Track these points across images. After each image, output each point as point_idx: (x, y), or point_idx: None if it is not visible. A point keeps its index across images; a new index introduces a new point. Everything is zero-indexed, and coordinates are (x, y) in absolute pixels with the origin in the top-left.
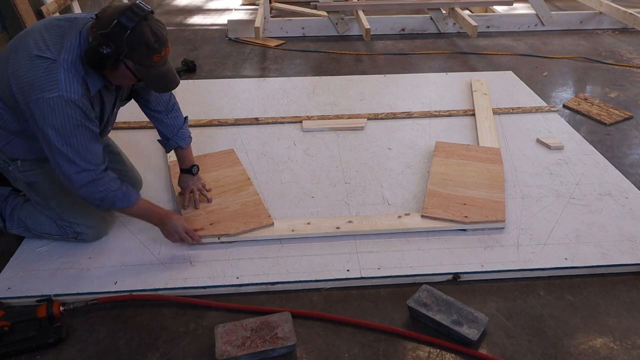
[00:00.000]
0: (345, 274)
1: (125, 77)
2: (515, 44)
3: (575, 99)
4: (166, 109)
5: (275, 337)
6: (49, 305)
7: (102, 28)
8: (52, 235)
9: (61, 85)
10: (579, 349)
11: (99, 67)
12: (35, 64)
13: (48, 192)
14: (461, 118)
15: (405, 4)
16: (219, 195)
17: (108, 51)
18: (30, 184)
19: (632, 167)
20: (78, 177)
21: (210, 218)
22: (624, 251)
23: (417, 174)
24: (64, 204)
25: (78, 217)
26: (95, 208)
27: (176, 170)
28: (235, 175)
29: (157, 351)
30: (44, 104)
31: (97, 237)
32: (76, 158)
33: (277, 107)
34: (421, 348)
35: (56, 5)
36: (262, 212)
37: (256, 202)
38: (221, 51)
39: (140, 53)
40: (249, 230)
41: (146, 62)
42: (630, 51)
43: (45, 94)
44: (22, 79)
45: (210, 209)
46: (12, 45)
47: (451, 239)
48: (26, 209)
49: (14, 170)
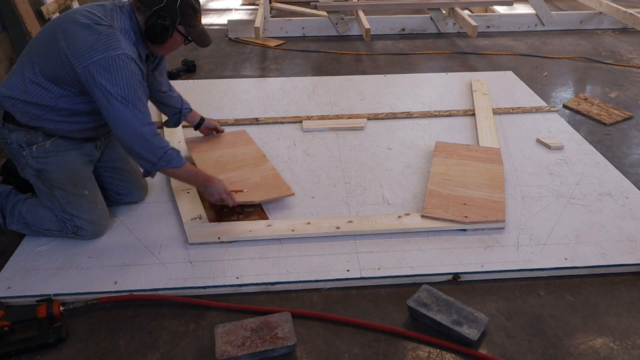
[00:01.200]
0: (345, 274)
1: (176, 43)
2: (515, 44)
3: (575, 99)
4: (169, 88)
5: (275, 337)
6: (49, 305)
7: (155, 4)
8: (51, 231)
9: (123, 45)
10: (579, 349)
11: (161, 38)
12: (95, 29)
13: (56, 181)
14: (461, 118)
15: (405, 4)
16: (238, 169)
17: (168, 22)
18: (40, 171)
19: (632, 167)
20: (147, 128)
21: (233, 187)
22: (624, 251)
23: (417, 174)
24: (69, 195)
25: (81, 210)
26: (148, 169)
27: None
28: (251, 152)
29: (157, 351)
30: (110, 61)
31: (96, 235)
32: (143, 111)
33: (277, 107)
34: (421, 348)
35: (56, 5)
36: (282, 184)
37: (275, 176)
38: (221, 51)
39: (189, 16)
40: (272, 199)
41: (194, 23)
42: (630, 51)
43: (110, 52)
44: (81, 44)
45: (232, 180)
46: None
47: (451, 239)
48: (27, 205)
49: (27, 156)
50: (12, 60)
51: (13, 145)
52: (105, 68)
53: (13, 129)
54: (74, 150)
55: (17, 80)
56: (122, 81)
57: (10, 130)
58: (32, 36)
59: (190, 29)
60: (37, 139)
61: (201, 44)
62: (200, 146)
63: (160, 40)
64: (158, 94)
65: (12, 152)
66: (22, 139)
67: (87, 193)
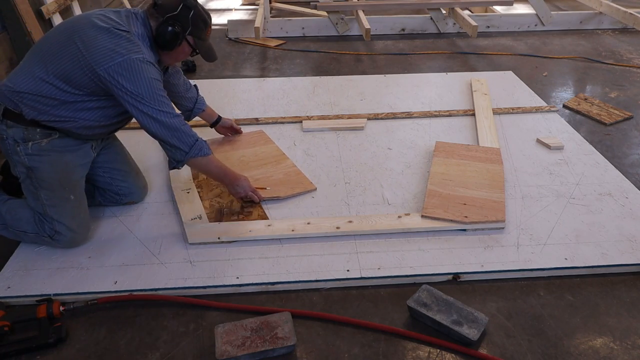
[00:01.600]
0: (345, 274)
1: (183, 53)
2: (515, 44)
3: (575, 99)
4: (185, 88)
5: (275, 337)
6: (49, 305)
7: (169, 11)
8: (27, 233)
9: (143, 49)
10: (579, 349)
11: (169, 45)
12: (115, 33)
13: (45, 181)
14: (461, 118)
15: (405, 4)
16: (260, 167)
17: (179, 29)
18: (31, 168)
19: (632, 167)
20: (176, 119)
21: (259, 184)
22: (624, 251)
23: (417, 174)
24: (54, 198)
25: (63, 215)
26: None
27: None
28: (270, 150)
29: (157, 351)
30: (132, 64)
31: (73, 244)
32: (168, 106)
33: (277, 107)
34: (421, 348)
35: (56, 5)
36: (304, 180)
37: (297, 172)
38: (221, 51)
39: (199, 28)
40: (297, 194)
41: (202, 36)
42: (630, 51)
43: (132, 55)
44: (101, 47)
45: (256, 177)
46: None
47: (451, 239)
48: (7, 205)
49: (20, 152)
50: (12, 60)
51: (8, 140)
52: (127, 70)
53: (12, 125)
54: (70, 153)
55: (25, 77)
56: (144, 82)
57: (9, 126)
58: (32, 36)
59: (199, 42)
60: (34, 136)
61: (208, 58)
62: (222, 147)
63: (169, 46)
64: (174, 95)
65: (6, 148)
66: (18, 135)
67: (72, 198)
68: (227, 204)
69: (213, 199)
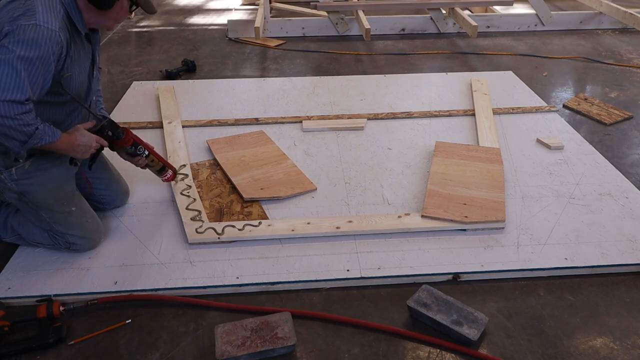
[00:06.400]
0: (345, 274)
1: (122, 10)
2: (515, 44)
3: (575, 99)
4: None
5: (275, 337)
6: (49, 305)
7: None
8: (45, 244)
9: (38, 15)
10: (579, 349)
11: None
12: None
13: (40, 202)
14: (461, 118)
15: (405, 4)
16: (261, 167)
17: None
18: (21, 193)
19: (632, 167)
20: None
21: (259, 184)
22: (624, 251)
23: (417, 174)
24: (56, 215)
25: (71, 227)
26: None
27: None
28: (271, 151)
29: (157, 351)
30: (18, 30)
31: (91, 247)
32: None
33: (277, 107)
34: (421, 348)
35: None
36: (304, 180)
37: (297, 172)
38: (221, 51)
39: None
40: (297, 194)
41: None
42: (630, 51)
43: (22, 21)
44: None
45: (257, 177)
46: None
47: (451, 239)
48: (18, 218)
49: (6, 179)
50: None
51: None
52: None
53: None
54: (54, 168)
55: None
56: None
57: None
58: None
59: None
60: (15, 161)
61: (148, 9)
62: (222, 147)
63: (107, 4)
64: None
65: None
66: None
67: (74, 210)
68: (227, 204)
69: (213, 199)
